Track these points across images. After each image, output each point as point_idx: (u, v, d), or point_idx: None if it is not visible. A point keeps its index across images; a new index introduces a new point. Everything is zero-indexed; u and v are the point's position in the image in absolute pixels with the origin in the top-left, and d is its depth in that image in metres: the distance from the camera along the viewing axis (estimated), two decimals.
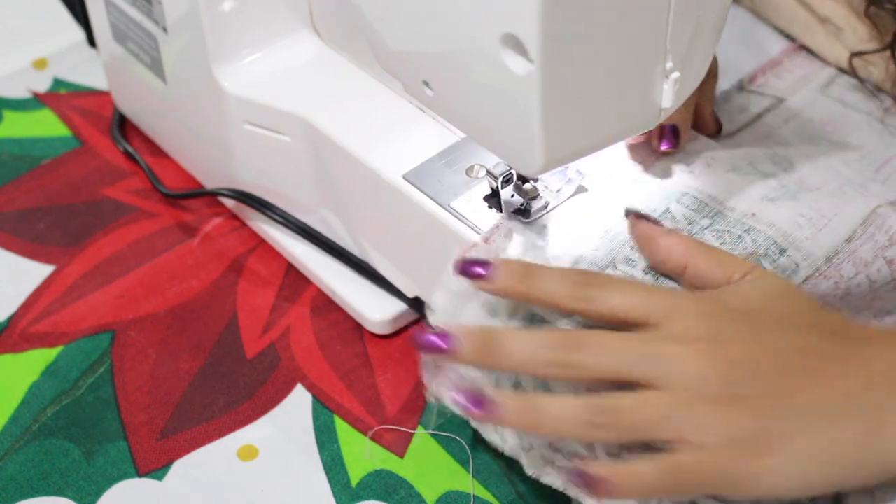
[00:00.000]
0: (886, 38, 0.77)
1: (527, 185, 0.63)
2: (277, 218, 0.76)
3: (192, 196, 0.82)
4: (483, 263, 0.56)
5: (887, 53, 0.77)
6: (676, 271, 0.59)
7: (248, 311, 0.76)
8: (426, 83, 0.57)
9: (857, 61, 0.80)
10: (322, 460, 0.67)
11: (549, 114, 0.50)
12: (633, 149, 0.67)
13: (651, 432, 0.52)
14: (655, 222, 0.60)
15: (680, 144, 0.66)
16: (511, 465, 0.67)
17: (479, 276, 0.56)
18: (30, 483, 0.67)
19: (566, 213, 0.63)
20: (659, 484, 0.52)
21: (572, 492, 0.55)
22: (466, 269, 0.57)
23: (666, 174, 0.66)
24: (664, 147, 0.66)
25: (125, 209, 0.83)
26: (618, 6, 0.50)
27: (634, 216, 0.60)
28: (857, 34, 0.80)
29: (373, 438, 0.68)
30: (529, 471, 0.58)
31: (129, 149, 0.86)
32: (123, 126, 0.89)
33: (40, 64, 0.95)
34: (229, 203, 0.82)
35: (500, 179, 0.63)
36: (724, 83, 0.80)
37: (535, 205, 0.63)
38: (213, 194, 0.80)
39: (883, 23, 0.78)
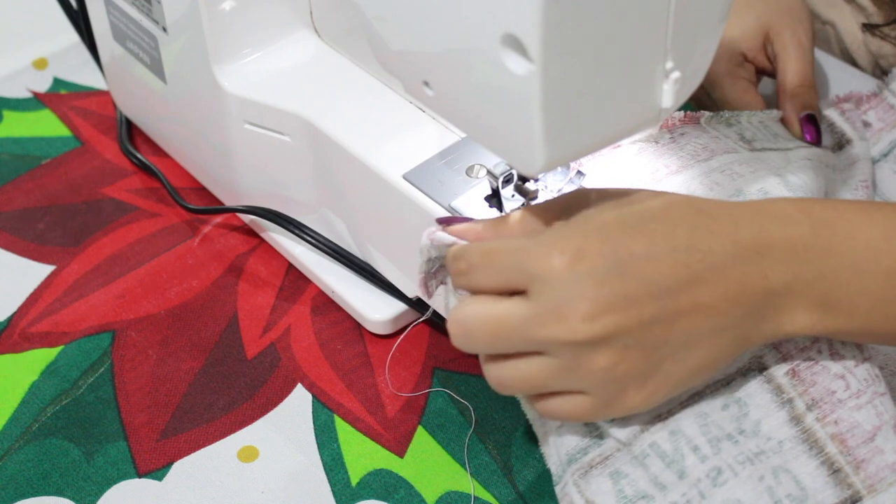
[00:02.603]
0: None
1: (527, 185, 0.63)
2: (298, 233, 0.75)
3: (213, 212, 0.82)
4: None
5: None
6: None
7: (248, 311, 0.76)
8: (426, 83, 0.57)
9: (870, 38, 0.81)
10: (322, 460, 0.67)
11: (549, 114, 0.50)
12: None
13: (540, 390, 0.55)
14: (465, 220, 0.59)
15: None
16: (511, 465, 0.67)
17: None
18: (29, 483, 0.67)
19: None
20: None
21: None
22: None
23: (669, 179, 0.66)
24: (809, 139, 0.72)
25: (125, 209, 0.83)
26: (618, 6, 0.50)
27: (443, 223, 0.59)
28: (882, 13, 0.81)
29: (373, 439, 0.69)
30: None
31: (146, 161, 0.85)
32: (131, 134, 0.89)
33: (40, 64, 0.95)
34: (245, 218, 0.82)
35: (500, 179, 0.63)
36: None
37: None
38: (234, 211, 0.79)
39: None
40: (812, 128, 0.73)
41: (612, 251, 0.52)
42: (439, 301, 0.63)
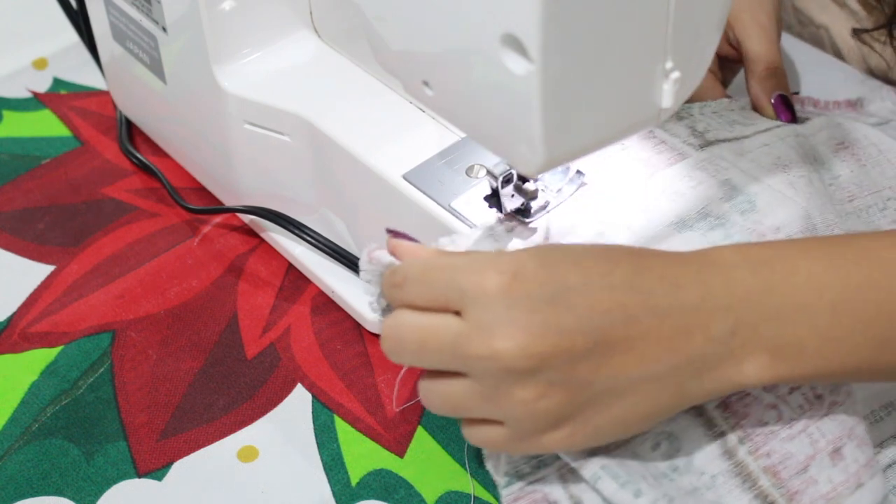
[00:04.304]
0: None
1: (527, 185, 0.63)
2: (298, 233, 0.75)
3: (213, 212, 0.82)
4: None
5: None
6: None
7: (248, 311, 0.76)
8: (426, 83, 0.57)
9: (861, 45, 0.81)
10: (322, 460, 0.67)
11: (549, 114, 0.50)
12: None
13: (462, 413, 0.54)
14: (412, 239, 0.58)
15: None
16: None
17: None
18: (29, 483, 0.67)
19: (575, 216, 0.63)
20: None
21: None
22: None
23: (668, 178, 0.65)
24: (784, 119, 0.71)
25: (125, 209, 0.83)
26: (618, 6, 0.50)
27: (391, 234, 0.59)
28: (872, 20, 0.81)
29: (373, 439, 0.68)
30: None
31: (146, 161, 0.85)
32: (131, 134, 0.89)
33: (40, 64, 0.95)
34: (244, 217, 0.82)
35: (500, 179, 0.63)
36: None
37: (535, 205, 0.63)
38: (234, 211, 0.79)
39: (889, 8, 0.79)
40: (785, 108, 0.72)
41: (550, 280, 0.51)
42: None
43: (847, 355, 0.53)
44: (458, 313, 0.52)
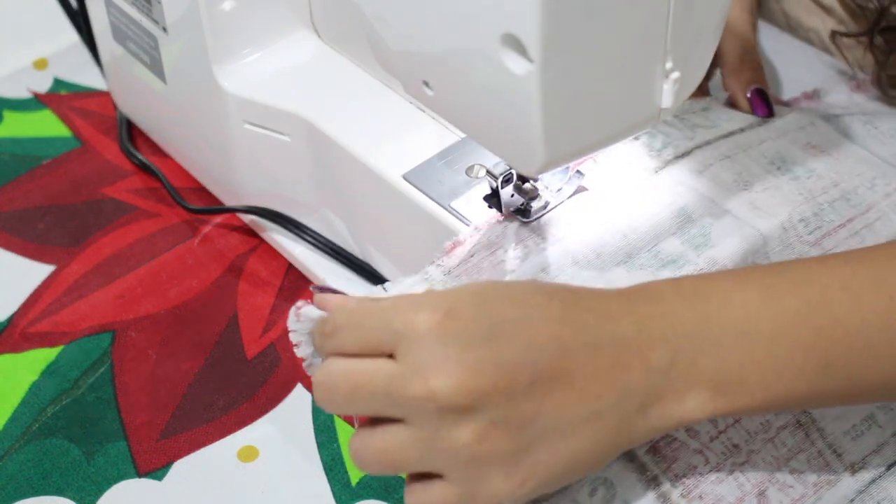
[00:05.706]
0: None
1: (527, 185, 0.63)
2: (298, 233, 0.76)
3: (213, 212, 0.82)
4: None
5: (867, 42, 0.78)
6: None
7: (248, 311, 0.76)
8: (426, 83, 0.57)
9: (839, 50, 0.81)
10: (322, 460, 0.68)
11: (549, 114, 0.51)
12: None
13: (400, 467, 0.52)
14: (337, 292, 0.56)
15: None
16: None
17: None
18: (30, 483, 0.67)
19: (575, 215, 0.63)
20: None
21: None
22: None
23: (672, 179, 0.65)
24: (761, 114, 0.71)
25: (125, 209, 0.83)
26: (618, 6, 0.50)
27: (318, 290, 0.56)
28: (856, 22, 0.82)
29: None
30: None
31: (146, 161, 0.85)
32: (131, 134, 0.89)
33: (40, 64, 0.95)
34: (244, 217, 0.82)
35: (500, 179, 0.63)
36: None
37: (535, 205, 0.63)
38: (234, 211, 0.80)
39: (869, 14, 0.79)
40: (761, 102, 0.71)
41: (486, 316, 0.50)
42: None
43: (790, 383, 0.52)
44: (391, 356, 0.50)
